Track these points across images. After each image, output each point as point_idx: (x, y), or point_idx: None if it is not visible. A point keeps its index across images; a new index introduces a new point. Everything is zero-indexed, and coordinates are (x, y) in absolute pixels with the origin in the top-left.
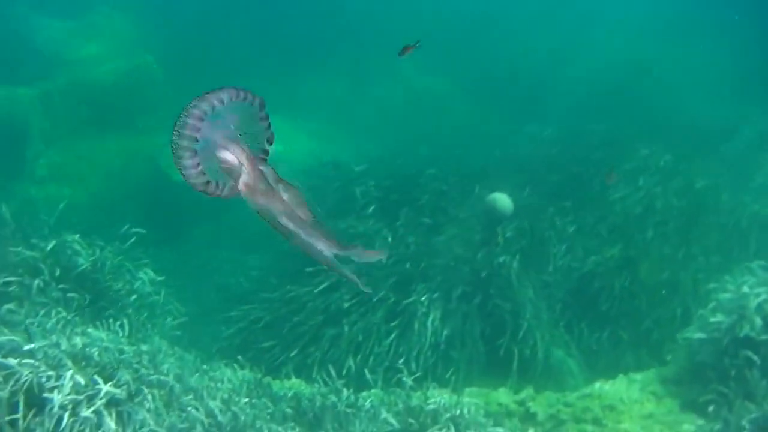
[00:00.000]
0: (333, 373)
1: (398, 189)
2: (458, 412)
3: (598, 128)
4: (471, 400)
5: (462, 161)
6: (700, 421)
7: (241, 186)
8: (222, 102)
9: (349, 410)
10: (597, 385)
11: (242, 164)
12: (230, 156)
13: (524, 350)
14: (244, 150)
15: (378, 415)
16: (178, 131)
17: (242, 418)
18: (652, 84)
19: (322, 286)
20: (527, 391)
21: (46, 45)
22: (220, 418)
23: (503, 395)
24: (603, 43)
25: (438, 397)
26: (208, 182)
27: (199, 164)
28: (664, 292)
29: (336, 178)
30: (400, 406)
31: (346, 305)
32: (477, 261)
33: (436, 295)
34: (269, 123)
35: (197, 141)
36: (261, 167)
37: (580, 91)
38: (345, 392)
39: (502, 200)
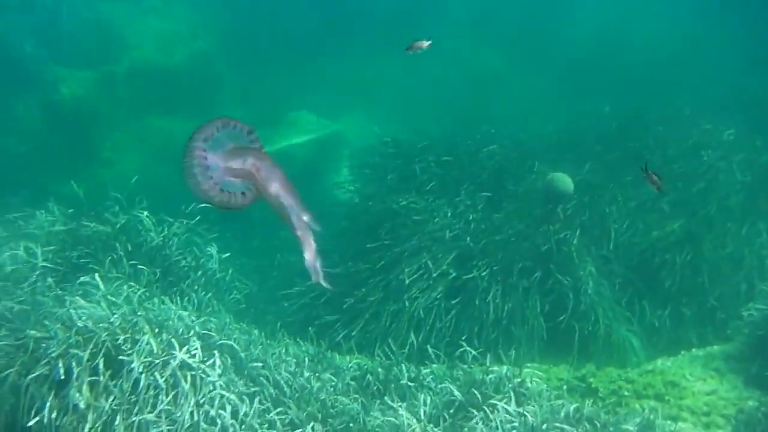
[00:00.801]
0: (395, 347)
1: (458, 165)
2: (520, 383)
3: (656, 103)
4: (532, 371)
5: (521, 138)
6: (765, 398)
7: (258, 181)
8: (217, 130)
9: (412, 384)
10: (659, 361)
11: (251, 164)
12: (239, 162)
13: (585, 326)
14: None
15: (440, 386)
16: (188, 162)
17: (307, 388)
18: (708, 59)
19: (382, 262)
20: (588, 367)
21: (111, 29)
22: (285, 389)
23: (564, 371)
24: (660, 17)
25: (500, 369)
26: (228, 195)
27: (216, 183)
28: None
29: (396, 155)
30: (462, 378)
31: (406, 281)
32: (537, 236)
33: (496, 269)
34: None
35: (207, 166)
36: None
37: (638, 66)
38: (407, 366)
39: (562, 180)
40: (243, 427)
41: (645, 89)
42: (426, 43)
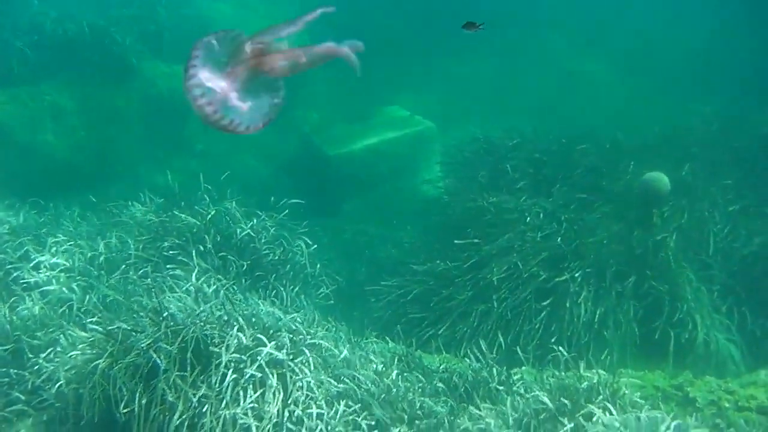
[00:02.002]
0: (485, 349)
1: (550, 164)
2: (614, 391)
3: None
4: (627, 380)
5: (616, 137)
6: None
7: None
8: (210, 46)
9: (501, 387)
10: (762, 372)
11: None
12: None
13: (682, 334)
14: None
15: (530, 392)
16: (186, 87)
17: (394, 390)
18: None
19: (471, 261)
20: (685, 376)
21: (208, 24)
22: (372, 389)
23: (660, 378)
24: None
25: (593, 377)
26: (229, 121)
27: (213, 107)
28: None
29: (488, 153)
30: (553, 384)
31: (495, 280)
32: (632, 239)
33: (589, 272)
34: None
35: (205, 89)
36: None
37: (746, 68)
38: (497, 369)
39: (660, 180)
40: (328, 427)
41: (754, 91)
42: (479, 25)
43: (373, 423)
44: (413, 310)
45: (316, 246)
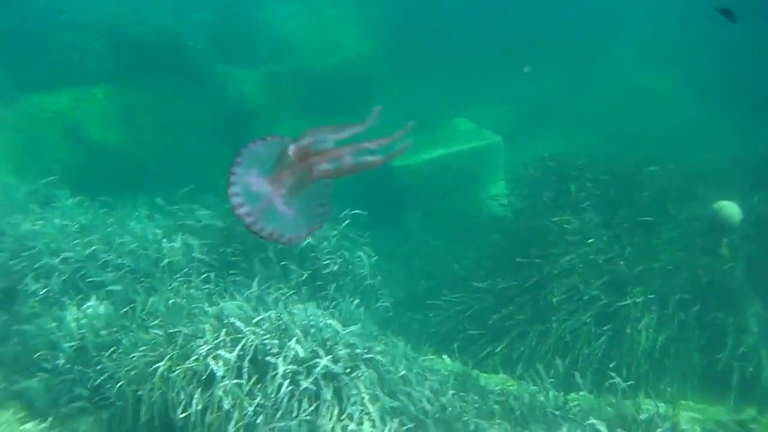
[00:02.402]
0: (542, 372)
1: (616, 186)
2: (674, 425)
3: None
4: (688, 414)
5: (686, 161)
6: None
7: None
8: (255, 151)
9: (557, 413)
10: None
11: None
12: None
13: (746, 367)
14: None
15: (586, 420)
16: (229, 191)
17: (449, 409)
18: None
19: (532, 281)
20: (749, 412)
21: (279, 29)
22: (427, 407)
23: (722, 413)
24: None
25: (652, 407)
26: (270, 231)
27: (253, 214)
28: None
29: (553, 172)
30: (610, 413)
31: (555, 301)
32: (698, 267)
33: (651, 299)
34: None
35: (247, 193)
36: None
37: None
38: (553, 393)
39: (730, 209)
40: None
41: None
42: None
43: None
44: (471, 326)
45: (376, 257)
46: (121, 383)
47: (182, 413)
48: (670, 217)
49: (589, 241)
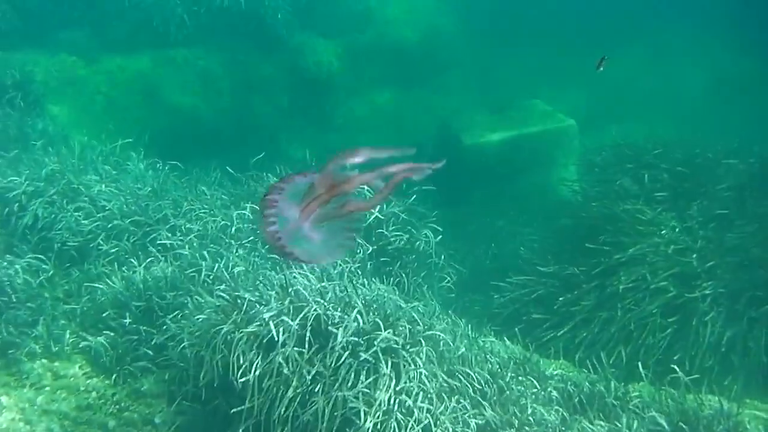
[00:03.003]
0: (604, 360)
1: (692, 177)
2: (737, 423)
3: None
4: (752, 413)
5: None
6: None
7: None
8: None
9: (616, 403)
10: None
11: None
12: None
13: None
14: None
15: (647, 412)
16: (262, 212)
17: (507, 393)
18: None
19: (599, 268)
20: None
21: (359, 1)
22: (485, 389)
23: None
24: None
25: (715, 404)
26: (295, 253)
27: (280, 237)
28: None
29: (628, 159)
30: (672, 406)
31: (621, 289)
32: None
33: (722, 293)
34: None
35: (278, 217)
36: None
37: None
38: (614, 383)
39: None
40: (437, 422)
41: None
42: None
43: (482, 423)
44: (535, 310)
45: (442, 236)
46: (183, 345)
47: (242, 377)
48: (748, 212)
49: (662, 232)
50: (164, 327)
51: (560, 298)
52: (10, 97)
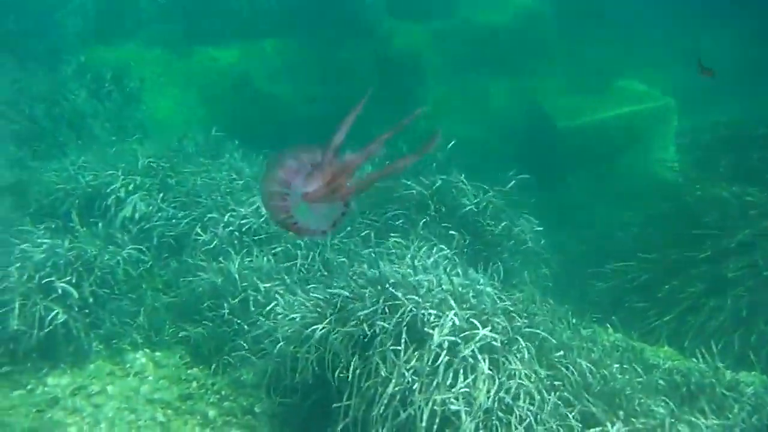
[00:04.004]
0: (714, 348)
1: None
2: None
3: None
4: None
5: None
6: None
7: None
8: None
9: (728, 393)
10: None
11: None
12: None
13: None
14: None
15: (763, 404)
16: (265, 182)
17: (611, 383)
18: None
19: (706, 254)
20: None
21: None
22: (589, 379)
23: None
24: None
25: None
26: (298, 227)
27: (284, 208)
28: None
29: (731, 139)
30: None
31: (730, 275)
32: None
33: None
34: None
35: (285, 189)
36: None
37: None
38: (726, 373)
39: None
40: (539, 418)
41: None
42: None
43: (585, 415)
44: (637, 298)
45: (538, 222)
46: (280, 343)
47: (340, 375)
48: None
49: None
50: (258, 323)
51: (665, 286)
52: (108, 90)
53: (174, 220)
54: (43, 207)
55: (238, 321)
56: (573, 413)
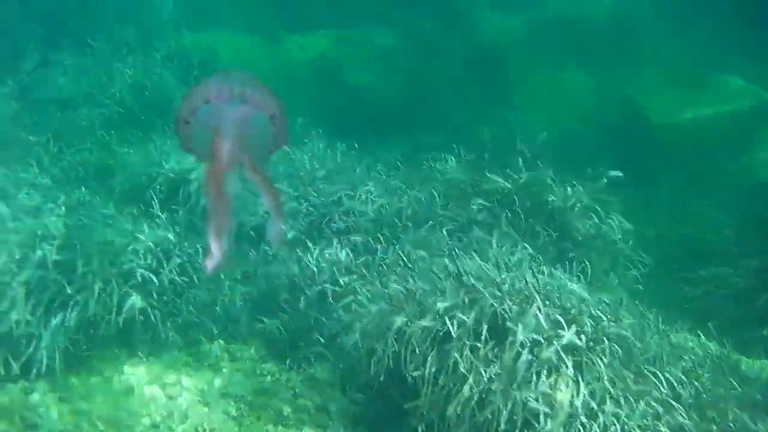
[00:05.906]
0: None
1: None
2: None
3: None
4: None
5: None
6: None
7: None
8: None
9: None
10: None
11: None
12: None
13: None
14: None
15: None
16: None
17: (704, 395)
18: None
19: None
20: None
21: None
22: (679, 390)
23: None
24: None
25: None
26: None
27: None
28: None
29: None
30: None
31: None
32: None
33: None
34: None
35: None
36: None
37: None
38: None
39: None
40: (625, 427)
41: None
42: None
43: (675, 428)
44: (733, 306)
45: (628, 220)
46: (356, 337)
47: (415, 371)
48: None
49: None
50: (335, 315)
51: (764, 295)
52: (196, 75)
53: (253, 209)
54: (127, 192)
55: (315, 315)
56: (662, 425)
